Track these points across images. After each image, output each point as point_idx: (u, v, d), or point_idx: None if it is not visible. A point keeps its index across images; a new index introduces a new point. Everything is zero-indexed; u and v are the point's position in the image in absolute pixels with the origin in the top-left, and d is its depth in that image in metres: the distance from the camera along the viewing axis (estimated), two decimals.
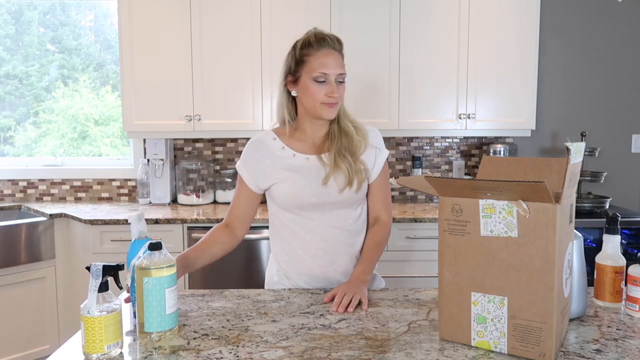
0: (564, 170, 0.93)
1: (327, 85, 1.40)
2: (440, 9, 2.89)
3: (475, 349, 1.00)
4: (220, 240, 1.53)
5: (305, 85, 1.41)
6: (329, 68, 1.39)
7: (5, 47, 3.42)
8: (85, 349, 0.97)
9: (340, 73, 1.42)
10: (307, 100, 1.42)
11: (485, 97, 2.94)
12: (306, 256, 1.46)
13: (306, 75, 1.41)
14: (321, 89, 1.40)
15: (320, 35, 1.43)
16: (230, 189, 3.19)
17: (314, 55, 1.41)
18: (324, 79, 1.40)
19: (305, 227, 1.45)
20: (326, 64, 1.40)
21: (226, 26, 2.89)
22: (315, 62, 1.40)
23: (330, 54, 1.41)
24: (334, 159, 1.41)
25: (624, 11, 3.23)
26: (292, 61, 1.46)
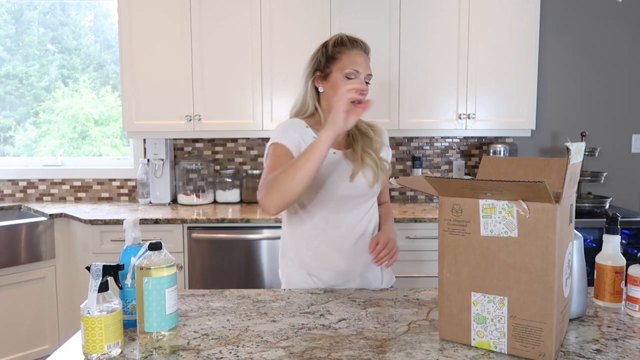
0: (564, 170, 0.93)
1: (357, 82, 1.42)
2: (440, 9, 2.89)
3: (475, 349, 1.00)
4: None
5: (335, 81, 1.45)
6: (361, 67, 1.45)
7: (5, 47, 3.42)
8: (85, 349, 0.97)
9: (369, 74, 1.47)
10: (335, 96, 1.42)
11: (485, 97, 2.94)
12: (331, 251, 1.47)
13: (338, 71, 1.45)
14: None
15: (352, 37, 1.50)
16: (230, 189, 3.20)
17: (347, 53, 1.46)
18: (355, 76, 1.44)
19: (331, 221, 1.46)
20: (358, 62, 1.45)
21: (226, 26, 2.89)
22: (348, 59, 1.45)
23: (361, 54, 1.48)
24: (361, 156, 1.46)
25: (624, 11, 3.23)
26: (322, 57, 1.49)
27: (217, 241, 2.68)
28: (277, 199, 1.26)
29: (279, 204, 1.27)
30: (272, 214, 1.29)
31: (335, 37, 1.51)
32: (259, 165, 3.33)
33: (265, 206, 1.29)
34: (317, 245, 1.48)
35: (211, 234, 2.67)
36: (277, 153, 1.41)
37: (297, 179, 1.24)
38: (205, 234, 2.67)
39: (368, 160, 1.47)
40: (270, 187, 1.28)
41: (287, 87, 2.92)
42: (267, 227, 2.68)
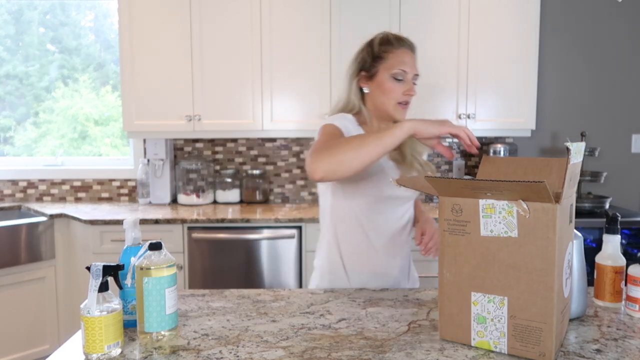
0: (564, 170, 0.93)
1: (404, 83, 1.41)
2: (440, 9, 2.89)
3: (475, 349, 1.00)
4: None
5: (382, 81, 1.41)
6: (408, 66, 1.40)
7: (5, 47, 3.42)
8: (86, 349, 0.97)
9: (416, 74, 1.43)
10: (382, 98, 1.42)
11: (485, 97, 2.94)
12: (369, 250, 1.45)
13: (384, 71, 1.40)
14: (398, 86, 1.40)
15: (398, 36, 1.45)
16: (230, 189, 3.20)
17: (394, 53, 1.41)
18: (402, 77, 1.40)
19: (373, 219, 1.44)
20: (405, 61, 1.40)
21: (226, 26, 2.89)
22: (395, 59, 1.40)
23: (408, 54, 1.42)
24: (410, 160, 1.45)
25: (624, 11, 3.23)
26: (368, 57, 1.43)
27: (217, 241, 2.68)
28: (329, 165, 1.19)
29: (328, 171, 1.19)
30: (315, 178, 1.21)
31: (380, 35, 1.46)
32: (259, 165, 3.33)
33: (312, 168, 1.20)
34: (357, 243, 1.45)
35: (211, 234, 2.68)
36: (331, 131, 1.35)
37: (359, 153, 1.17)
38: (205, 234, 2.67)
39: (416, 164, 1.46)
40: (326, 152, 1.20)
41: (287, 87, 2.92)
42: (267, 227, 2.68)
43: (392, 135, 1.18)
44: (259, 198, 3.22)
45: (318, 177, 1.20)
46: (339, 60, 2.89)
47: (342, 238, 1.47)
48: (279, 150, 3.32)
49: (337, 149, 1.20)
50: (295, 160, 3.33)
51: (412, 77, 1.42)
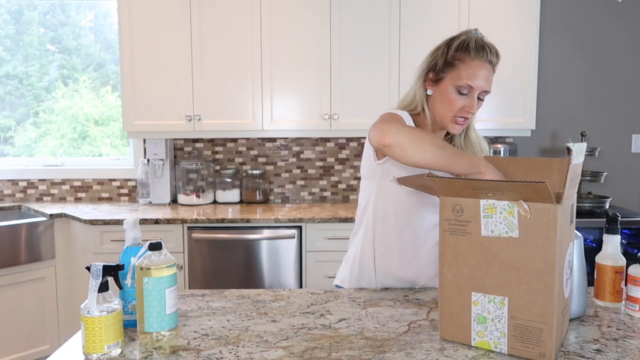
0: (565, 171, 0.92)
1: (467, 98, 1.31)
2: (440, 9, 2.89)
3: (476, 349, 1.00)
4: None
5: (445, 90, 1.32)
6: (477, 81, 1.29)
7: (5, 47, 3.42)
8: (86, 349, 0.97)
9: (485, 90, 1.32)
10: (440, 106, 1.34)
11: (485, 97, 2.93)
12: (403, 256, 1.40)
13: (451, 80, 1.31)
14: (460, 100, 1.31)
15: (481, 42, 1.33)
16: (230, 189, 3.20)
17: (467, 63, 1.30)
18: (468, 92, 1.30)
19: (413, 224, 1.39)
20: (476, 75, 1.29)
21: (226, 26, 2.89)
22: (466, 70, 1.30)
23: (483, 66, 1.31)
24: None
25: (624, 11, 3.23)
26: (441, 59, 1.34)
27: (217, 241, 2.68)
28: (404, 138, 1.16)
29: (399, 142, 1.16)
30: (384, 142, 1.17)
31: (463, 37, 1.34)
32: (259, 165, 3.33)
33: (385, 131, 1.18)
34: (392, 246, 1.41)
35: (211, 234, 2.67)
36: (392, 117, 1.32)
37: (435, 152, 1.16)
38: (205, 234, 2.67)
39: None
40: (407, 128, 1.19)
41: (287, 87, 2.92)
42: (267, 227, 2.68)
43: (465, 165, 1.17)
44: (259, 198, 3.22)
45: (386, 142, 1.17)
46: (339, 60, 2.89)
47: (378, 237, 1.42)
48: (279, 150, 3.32)
49: (418, 132, 1.19)
50: (295, 160, 3.33)
51: (480, 93, 1.32)
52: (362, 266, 1.46)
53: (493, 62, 1.34)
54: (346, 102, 2.91)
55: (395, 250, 1.41)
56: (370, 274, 1.45)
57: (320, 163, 3.33)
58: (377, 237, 1.42)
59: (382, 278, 1.44)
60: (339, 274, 1.56)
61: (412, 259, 1.41)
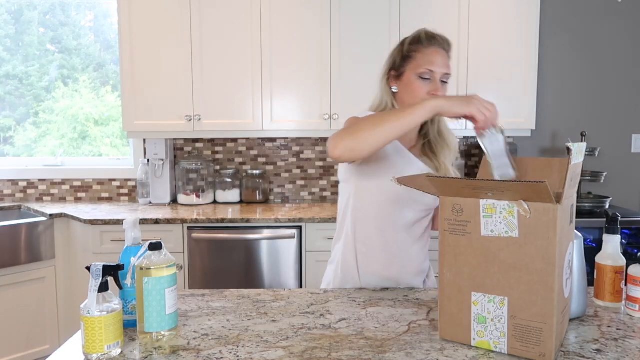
0: (565, 171, 0.92)
1: (431, 83, 1.37)
2: (440, 8, 2.89)
3: (476, 349, 1.00)
4: None
5: (409, 81, 1.38)
6: (436, 66, 1.36)
7: (5, 47, 3.42)
8: (86, 349, 0.97)
9: (446, 73, 1.38)
10: (407, 97, 1.39)
11: (486, 97, 2.93)
12: (386, 254, 1.42)
13: (411, 70, 1.38)
14: (424, 86, 1.37)
15: (430, 33, 1.41)
16: (230, 189, 3.20)
17: (422, 52, 1.37)
18: (429, 77, 1.36)
19: (392, 222, 1.41)
20: (433, 61, 1.36)
21: (226, 26, 2.89)
22: (423, 58, 1.37)
23: (438, 52, 1.38)
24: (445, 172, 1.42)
25: (624, 11, 3.23)
26: (398, 56, 1.42)
27: (217, 241, 2.68)
28: (348, 142, 1.19)
29: (346, 148, 1.19)
30: (335, 155, 1.21)
31: (414, 33, 1.42)
32: (259, 165, 3.33)
33: (332, 145, 1.22)
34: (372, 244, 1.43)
35: (211, 234, 2.67)
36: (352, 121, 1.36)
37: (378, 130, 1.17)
38: (205, 234, 2.67)
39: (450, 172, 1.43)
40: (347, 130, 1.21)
41: (287, 87, 2.92)
42: (267, 227, 2.68)
43: (413, 113, 1.16)
44: (259, 198, 3.22)
45: (337, 154, 1.20)
46: (339, 60, 2.89)
47: (359, 238, 1.44)
48: (279, 150, 3.32)
49: (357, 126, 1.20)
50: (295, 160, 3.33)
51: (441, 76, 1.37)
52: (345, 268, 1.48)
53: (446, 48, 1.40)
54: (346, 102, 2.91)
55: (378, 250, 1.43)
56: (353, 275, 1.46)
57: (320, 163, 3.33)
58: (358, 238, 1.44)
59: (366, 278, 1.45)
60: (325, 278, 1.57)
61: (395, 256, 1.43)
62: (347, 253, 1.47)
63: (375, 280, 1.44)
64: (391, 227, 1.42)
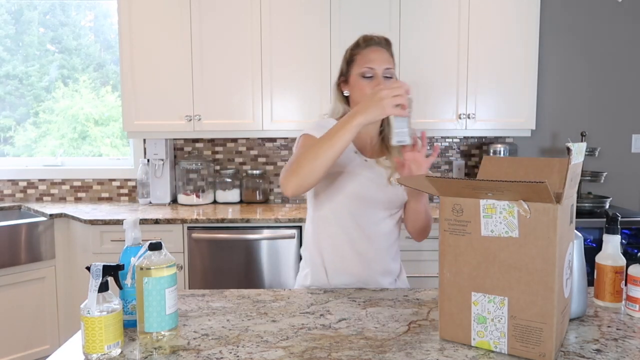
0: (565, 171, 0.92)
1: (374, 79, 1.43)
2: (440, 8, 2.89)
3: (475, 349, 1.00)
4: None
5: (355, 82, 1.45)
6: (375, 62, 1.43)
7: (5, 47, 3.42)
8: (85, 349, 0.97)
9: (386, 67, 1.44)
10: (357, 97, 1.45)
11: (485, 97, 2.94)
12: (351, 252, 1.46)
13: (355, 72, 1.45)
14: (368, 83, 1.43)
15: (367, 36, 1.50)
16: (230, 189, 3.20)
17: (361, 54, 1.46)
18: (371, 74, 1.43)
19: (355, 222, 1.45)
20: (372, 59, 1.44)
21: (226, 26, 2.89)
22: (362, 59, 1.45)
23: (376, 50, 1.46)
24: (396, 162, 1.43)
25: (624, 11, 3.23)
26: (343, 63, 1.52)
27: (217, 241, 2.68)
28: (295, 181, 1.25)
29: (296, 187, 1.25)
30: (289, 195, 1.28)
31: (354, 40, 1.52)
32: (259, 165, 3.33)
33: (283, 187, 1.28)
34: (339, 244, 1.46)
35: (211, 234, 2.67)
36: (305, 143, 1.39)
37: (318, 163, 1.22)
38: (205, 234, 2.67)
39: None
40: (291, 170, 1.26)
41: (287, 87, 2.92)
42: (267, 227, 2.68)
43: (342, 137, 1.21)
44: (259, 198, 3.22)
45: (290, 194, 1.27)
46: (339, 60, 2.88)
47: (324, 239, 1.49)
48: (279, 150, 3.32)
49: (298, 163, 1.25)
50: None
51: (383, 72, 1.43)
52: (314, 269, 1.51)
53: (383, 45, 1.47)
54: None
55: (344, 248, 1.46)
56: (322, 276, 1.49)
57: None
58: (323, 239, 1.48)
59: (335, 278, 1.48)
60: (297, 281, 1.60)
61: (360, 254, 1.46)
62: (314, 255, 1.51)
63: (343, 280, 1.47)
64: (355, 225, 1.45)
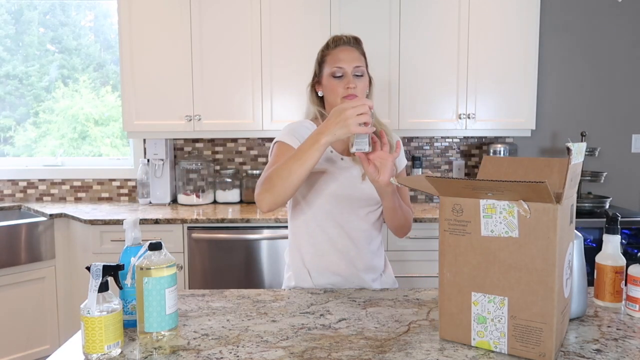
0: (565, 171, 0.92)
1: (344, 78, 1.45)
2: (440, 8, 2.89)
3: (475, 349, 1.00)
4: None
5: (326, 82, 1.48)
6: (344, 62, 1.45)
7: (5, 47, 3.42)
8: (85, 349, 0.97)
9: (356, 66, 1.45)
10: (330, 97, 1.47)
11: (485, 97, 2.94)
12: (332, 250, 1.47)
13: (326, 73, 1.48)
14: (339, 83, 1.45)
15: (336, 36, 1.52)
16: (230, 189, 3.20)
17: (331, 54, 1.49)
18: (341, 73, 1.45)
19: (334, 220, 1.46)
20: (341, 58, 1.46)
21: (226, 26, 2.89)
22: (332, 59, 1.47)
23: (345, 50, 1.48)
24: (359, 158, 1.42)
25: (624, 11, 3.23)
26: (316, 64, 1.54)
27: (217, 241, 2.68)
28: (269, 199, 1.28)
29: (270, 204, 1.29)
30: (264, 211, 1.32)
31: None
32: (259, 165, 3.33)
33: (258, 204, 1.31)
34: (318, 243, 1.48)
35: (211, 234, 2.67)
36: (280, 152, 1.42)
37: (289, 182, 1.26)
38: (205, 234, 2.67)
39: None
40: (264, 187, 1.30)
41: (287, 87, 2.92)
42: (267, 227, 2.68)
43: (310, 157, 1.24)
44: None
45: (266, 211, 1.31)
46: None
47: (305, 239, 1.50)
48: None
49: (271, 181, 1.28)
50: None
51: (353, 71, 1.44)
52: (297, 270, 1.52)
53: (352, 44, 1.50)
54: None
55: (324, 247, 1.47)
56: (305, 277, 1.50)
57: None
58: (303, 239, 1.50)
59: (318, 278, 1.48)
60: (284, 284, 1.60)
61: (342, 252, 1.47)
62: (295, 255, 1.52)
63: (326, 279, 1.48)
64: (332, 225, 1.46)
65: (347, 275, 1.48)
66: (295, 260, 1.52)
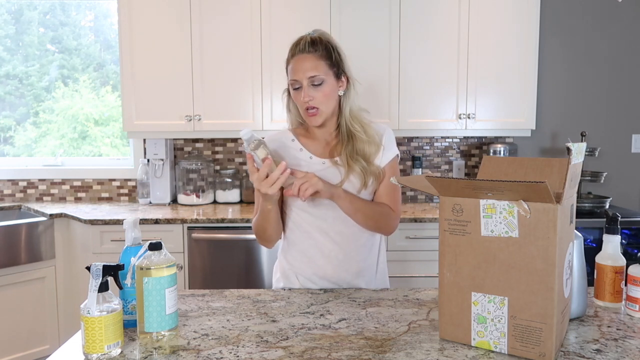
0: (565, 171, 0.93)
1: (301, 90, 1.38)
2: (440, 9, 2.89)
3: (475, 349, 1.00)
4: None
5: (291, 92, 1.44)
6: (297, 73, 1.38)
7: (5, 47, 3.42)
8: (85, 349, 0.97)
9: (310, 76, 1.36)
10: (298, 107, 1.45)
11: (485, 97, 2.94)
12: (319, 256, 1.45)
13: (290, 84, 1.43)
14: (297, 95, 1.40)
15: (294, 43, 1.43)
16: (230, 189, 3.19)
17: (290, 65, 1.41)
18: (298, 86, 1.38)
19: (318, 227, 1.44)
20: (295, 69, 1.38)
21: (226, 26, 2.89)
22: (290, 71, 1.41)
23: (300, 59, 1.39)
24: (347, 162, 1.41)
25: (624, 11, 3.23)
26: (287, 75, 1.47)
27: (217, 241, 2.68)
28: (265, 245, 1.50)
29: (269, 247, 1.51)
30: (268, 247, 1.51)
31: None
32: None
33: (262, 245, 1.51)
34: (305, 249, 1.46)
35: (211, 234, 2.67)
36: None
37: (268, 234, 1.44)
38: (205, 234, 2.67)
39: (355, 166, 1.40)
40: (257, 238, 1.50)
41: None
42: None
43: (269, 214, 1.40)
44: None
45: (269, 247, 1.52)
46: None
47: (292, 244, 1.49)
48: None
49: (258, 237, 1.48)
50: None
51: (308, 81, 1.36)
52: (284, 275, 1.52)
53: (307, 49, 1.38)
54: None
55: (310, 252, 1.46)
56: (293, 281, 1.49)
57: None
58: (291, 244, 1.50)
59: (305, 282, 1.47)
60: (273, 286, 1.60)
61: (328, 257, 1.45)
62: (282, 261, 1.53)
63: (314, 282, 1.47)
64: (316, 230, 1.45)
65: (335, 280, 1.46)
66: (283, 265, 1.52)
